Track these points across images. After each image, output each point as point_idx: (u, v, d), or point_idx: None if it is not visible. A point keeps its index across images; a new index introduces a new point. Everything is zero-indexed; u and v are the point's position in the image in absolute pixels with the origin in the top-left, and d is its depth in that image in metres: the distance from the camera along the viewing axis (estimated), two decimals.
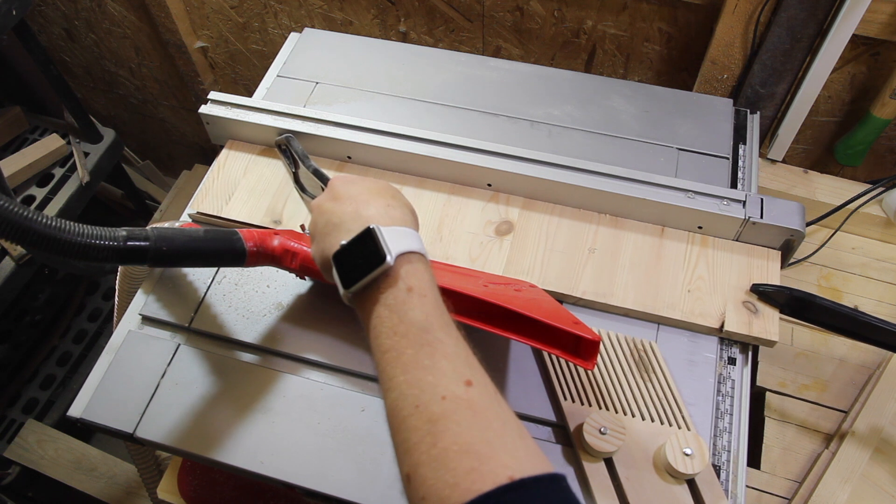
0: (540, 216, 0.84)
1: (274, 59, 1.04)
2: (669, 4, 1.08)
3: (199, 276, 0.81)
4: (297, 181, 0.85)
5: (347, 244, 0.54)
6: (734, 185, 0.89)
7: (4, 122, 1.51)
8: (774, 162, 1.09)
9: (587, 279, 0.78)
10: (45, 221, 0.54)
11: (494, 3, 1.18)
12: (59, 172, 1.50)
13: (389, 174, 0.88)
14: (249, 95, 0.98)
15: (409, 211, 0.60)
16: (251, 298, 0.79)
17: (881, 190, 1.02)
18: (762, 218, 0.78)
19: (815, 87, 0.99)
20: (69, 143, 1.53)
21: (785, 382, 0.91)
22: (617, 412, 0.69)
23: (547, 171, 0.83)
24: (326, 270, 0.57)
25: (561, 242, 0.82)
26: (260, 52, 1.51)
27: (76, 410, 0.72)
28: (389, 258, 0.50)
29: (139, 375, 0.74)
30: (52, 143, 1.49)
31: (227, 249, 0.65)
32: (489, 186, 0.86)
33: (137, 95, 1.85)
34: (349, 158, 0.89)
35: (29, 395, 1.68)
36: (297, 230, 0.76)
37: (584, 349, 0.64)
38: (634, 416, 0.69)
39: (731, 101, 0.97)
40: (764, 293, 0.76)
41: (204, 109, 0.90)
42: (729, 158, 0.90)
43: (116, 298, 0.85)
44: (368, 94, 0.98)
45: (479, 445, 0.41)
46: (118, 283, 0.84)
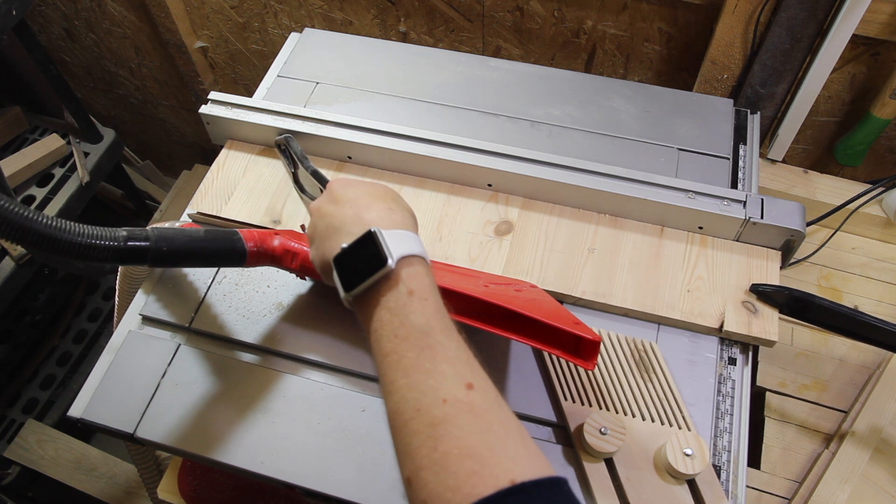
0: (539, 216, 0.84)
1: (274, 59, 1.04)
2: (669, 4, 1.08)
3: (199, 276, 0.81)
4: (296, 181, 0.86)
5: (348, 247, 0.54)
6: (734, 185, 0.89)
7: (4, 122, 1.51)
8: (774, 162, 1.09)
9: (586, 279, 0.78)
10: (45, 221, 0.54)
11: (494, 3, 1.18)
12: (59, 172, 1.50)
13: (389, 174, 0.88)
14: (249, 95, 0.98)
15: (409, 214, 0.60)
16: (251, 298, 0.79)
17: (881, 190, 1.02)
18: (763, 218, 0.78)
19: (815, 87, 0.99)
20: (69, 143, 1.53)
21: (785, 382, 0.91)
22: (617, 412, 0.69)
23: (547, 171, 0.83)
24: (326, 273, 0.57)
25: (560, 242, 0.82)
26: (260, 52, 1.51)
27: (76, 410, 0.72)
28: (390, 261, 0.50)
29: (139, 375, 0.74)
30: (52, 143, 1.49)
31: (227, 249, 0.65)
32: (489, 186, 0.86)
33: (137, 95, 1.85)
34: (349, 158, 0.89)
35: (29, 395, 1.68)
36: (297, 230, 0.76)
37: (584, 349, 0.64)
38: (635, 416, 0.69)
39: (731, 101, 0.97)
40: (763, 293, 0.76)
41: (204, 109, 0.90)
42: (729, 158, 0.90)
43: (116, 298, 0.85)
44: (368, 94, 0.98)
45: (480, 449, 0.41)
46: (118, 283, 0.84)
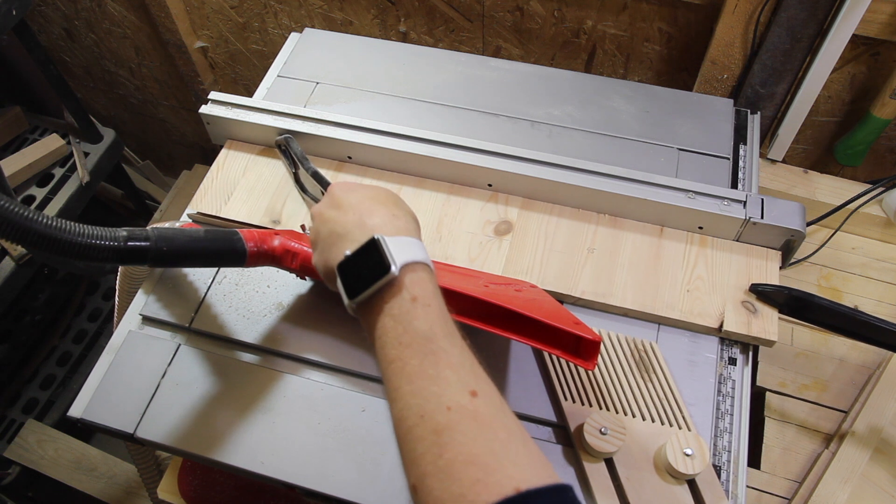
0: (539, 216, 0.84)
1: (274, 59, 1.04)
2: (669, 4, 1.08)
3: (199, 276, 0.81)
4: (297, 181, 0.86)
5: (352, 255, 0.53)
6: (734, 185, 0.89)
7: (4, 122, 1.51)
8: (774, 162, 1.09)
9: (586, 279, 0.78)
10: (45, 221, 0.54)
11: (494, 3, 1.18)
12: (59, 172, 1.50)
13: (389, 174, 0.88)
14: (249, 95, 0.98)
15: (412, 219, 0.59)
16: (251, 298, 0.79)
17: (881, 190, 1.02)
18: (763, 218, 0.78)
19: (815, 87, 0.99)
20: (69, 143, 1.53)
21: (785, 382, 0.91)
22: (617, 412, 0.69)
23: (547, 171, 0.83)
24: (330, 279, 0.57)
25: (560, 242, 0.82)
26: (260, 52, 1.51)
27: (76, 410, 0.72)
28: (394, 268, 0.50)
29: (139, 376, 0.74)
30: (52, 143, 1.49)
31: (227, 249, 0.65)
32: (490, 186, 0.86)
33: (137, 95, 1.85)
34: (349, 158, 0.89)
35: (29, 395, 1.68)
36: (297, 230, 0.76)
37: (584, 349, 0.64)
38: (635, 416, 0.69)
39: (731, 101, 0.97)
40: (763, 293, 0.76)
41: (204, 109, 0.90)
42: (729, 159, 0.90)
43: (117, 298, 0.85)
44: (368, 94, 0.98)
45: (484, 456, 0.42)
46: (118, 283, 0.84)
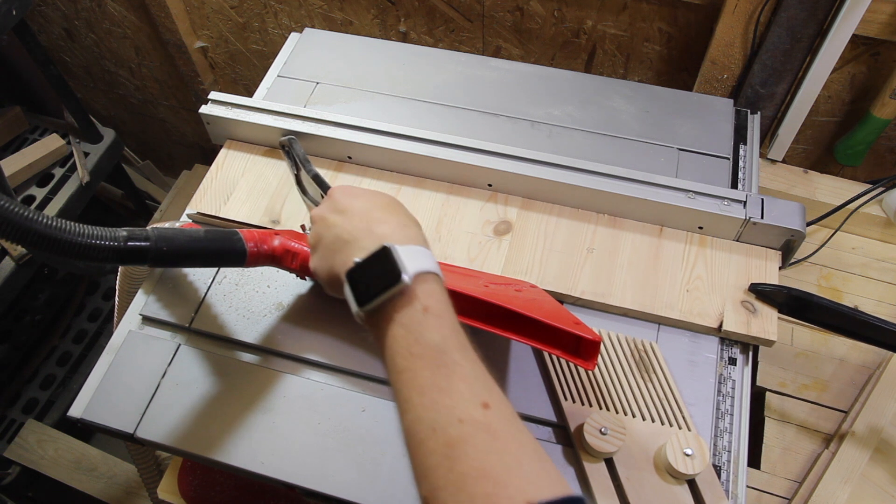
0: (538, 216, 0.84)
1: (274, 59, 1.04)
2: (669, 4, 1.08)
3: (199, 276, 0.81)
4: (298, 183, 0.85)
5: (362, 262, 0.53)
6: (735, 185, 0.89)
7: (4, 122, 1.51)
8: (774, 162, 1.09)
9: (586, 279, 0.78)
10: (45, 221, 0.54)
11: (494, 3, 1.18)
12: (59, 172, 1.50)
13: (389, 174, 0.88)
14: (249, 95, 0.98)
15: (420, 228, 0.59)
16: (251, 298, 0.79)
17: (881, 190, 1.02)
18: (763, 218, 0.78)
19: (815, 87, 0.99)
20: (69, 143, 1.53)
21: (785, 382, 0.91)
22: (617, 412, 0.69)
23: (547, 171, 0.83)
24: (333, 285, 0.56)
25: (559, 242, 0.82)
26: (260, 52, 1.51)
27: (76, 410, 0.72)
28: (406, 277, 0.49)
29: (139, 376, 0.74)
30: (52, 143, 1.49)
31: (227, 249, 0.65)
32: (490, 187, 0.86)
33: (137, 95, 1.85)
34: (349, 158, 0.89)
35: (29, 395, 1.68)
36: (296, 230, 0.76)
37: (584, 349, 0.64)
38: (635, 416, 0.69)
39: (731, 101, 0.97)
40: (762, 293, 0.76)
41: (204, 109, 0.90)
42: (729, 159, 0.90)
43: (117, 298, 0.85)
44: (368, 94, 0.98)
45: (496, 470, 0.41)
46: (118, 283, 0.84)
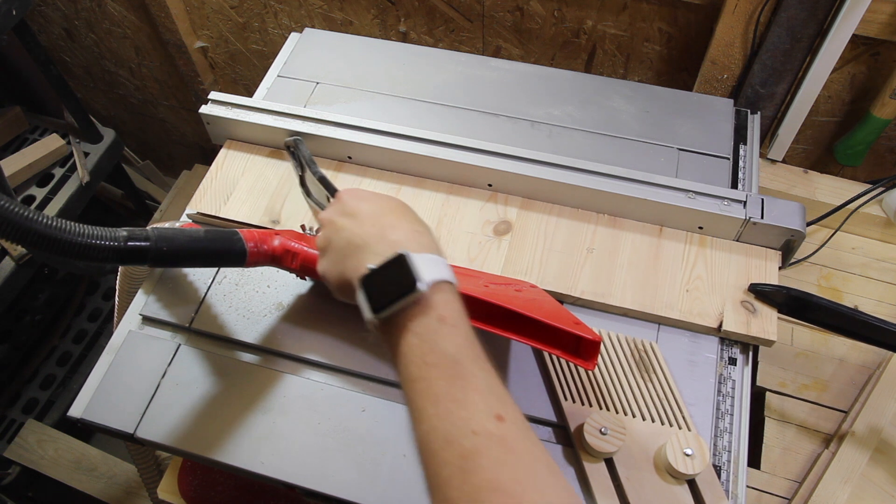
0: (538, 216, 0.84)
1: (274, 59, 1.04)
2: (669, 4, 1.08)
3: (199, 276, 0.81)
4: (303, 185, 0.84)
5: (377, 269, 0.52)
6: (735, 185, 0.89)
7: (4, 122, 1.51)
8: (774, 162, 1.09)
9: (585, 279, 0.78)
10: (45, 221, 0.54)
11: (494, 3, 1.18)
12: (59, 172, 1.50)
13: (389, 174, 0.88)
14: (249, 95, 0.98)
15: (432, 235, 0.58)
16: (251, 298, 0.79)
17: (881, 190, 1.02)
18: (763, 218, 0.78)
19: (815, 87, 0.99)
20: (69, 143, 1.53)
21: (785, 382, 0.91)
22: (617, 412, 0.69)
23: (547, 171, 0.83)
24: (343, 290, 0.56)
25: (559, 242, 0.82)
26: (260, 52, 1.51)
27: (76, 410, 0.72)
28: (422, 286, 0.49)
29: (139, 376, 0.74)
30: (52, 143, 1.49)
31: (227, 249, 0.65)
32: (490, 187, 0.86)
33: (137, 95, 1.85)
34: (349, 158, 0.89)
35: (29, 395, 1.68)
36: (296, 230, 0.76)
37: (584, 349, 0.64)
38: (635, 416, 0.69)
39: (731, 101, 0.97)
40: (762, 293, 0.76)
41: (204, 109, 0.90)
42: (729, 159, 0.90)
43: (117, 298, 0.85)
44: (368, 94, 0.98)
45: (510, 483, 0.42)
46: (118, 283, 0.84)
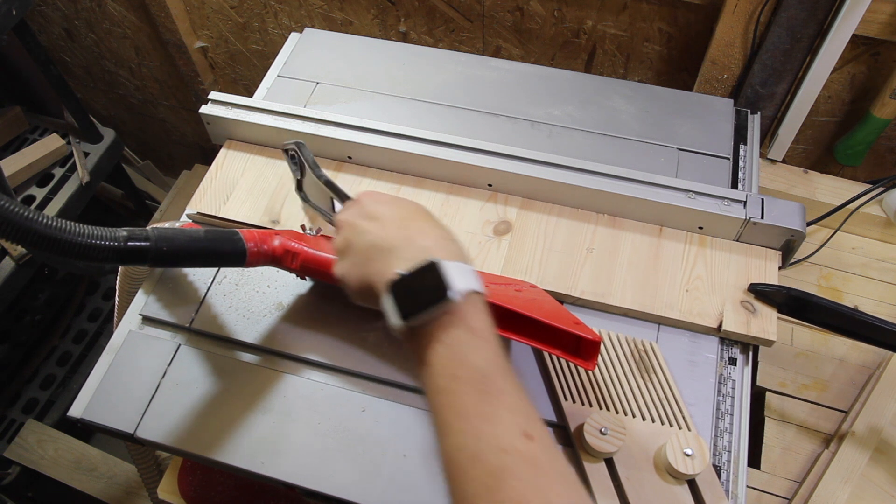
0: (538, 216, 0.84)
1: (274, 59, 1.04)
2: (669, 4, 1.08)
3: (199, 276, 0.81)
4: (300, 188, 0.83)
5: (408, 275, 0.50)
6: (735, 185, 0.89)
7: (4, 122, 1.51)
8: (774, 162, 1.09)
9: (585, 279, 0.78)
10: (45, 221, 0.54)
11: (494, 3, 1.18)
12: (59, 172, 1.49)
13: (389, 174, 0.88)
14: (249, 95, 0.98)
15: (460, 243, 0.57)
16: (252, 298, 0.79)
17: (881, 190, 1.02)
18: (763, 218, 0.78)
19: (815, 87, 0.99)
20: (69, 143, 1.53)
21: (785, 382, 0.91)
22: (617, 412, 0.69)
23: (547, 171, 0.83)
24: (365, 294, 0.55)
25: (559, 242, 0.82)
26: (260, 52, 1.51)
27: (76, 410, 0.72)
28: (454, 295, 0.48)
29: (140, 376, 0.74)
30: (52, 143, 1.49)
31: (227, 249, 0.65)
32: (490, 187, 0.86)
33: (137, 95, 1.85)
34: (349, 158, 0.89)
35: (29, 395, 1.68)
36: (296, 230, 0.76)
37: (584, 349, 0.64)
38: (635, 416, 0.69)
39: (731, 101, 0.97)
40: (762, 293, 0.76)
41: (204, 109, 0.90)
42: (729, 159, 0.90)
43: (117, 298, 0.85)
44: (368, 94, 0.98)
45: (536, 503, 0.41)
46: (118, 283, 0.84)
